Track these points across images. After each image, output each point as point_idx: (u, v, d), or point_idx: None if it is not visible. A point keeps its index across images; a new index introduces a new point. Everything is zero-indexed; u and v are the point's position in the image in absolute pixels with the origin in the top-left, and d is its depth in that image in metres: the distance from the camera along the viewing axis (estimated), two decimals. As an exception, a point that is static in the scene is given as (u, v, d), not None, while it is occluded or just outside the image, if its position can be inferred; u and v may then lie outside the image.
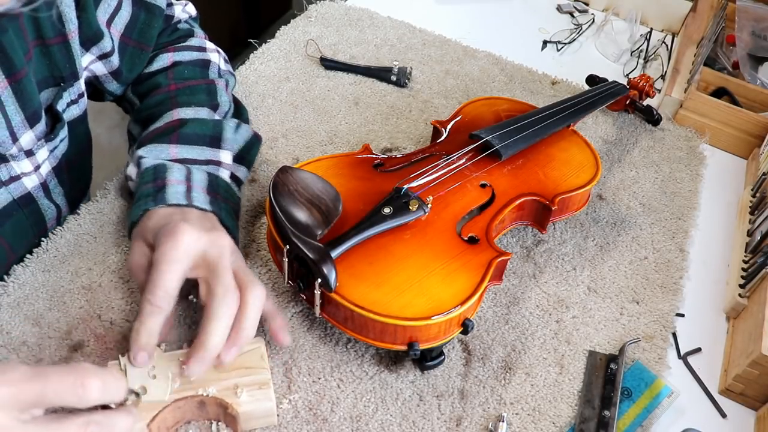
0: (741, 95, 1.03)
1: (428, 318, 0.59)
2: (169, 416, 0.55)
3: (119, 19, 0.74)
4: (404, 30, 1.10)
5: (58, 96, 0.68)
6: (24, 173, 0.67)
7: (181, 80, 0.78)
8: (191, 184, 0.66)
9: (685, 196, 0.88)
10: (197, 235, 0.57)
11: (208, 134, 0.72)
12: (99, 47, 0.71)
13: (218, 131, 0.73)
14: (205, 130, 0.72)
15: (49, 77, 0.66)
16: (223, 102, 0.78)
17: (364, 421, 0.60)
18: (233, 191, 0.71)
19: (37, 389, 0.45)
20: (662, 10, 1.20)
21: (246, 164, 0.75)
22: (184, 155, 0.70)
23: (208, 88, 0.78)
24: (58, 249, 0.70)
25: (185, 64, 0.80)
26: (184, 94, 0.76)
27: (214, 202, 0.66)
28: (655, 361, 0.69)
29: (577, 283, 0.75)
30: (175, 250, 0.55)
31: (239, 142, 0.75)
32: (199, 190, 0.66)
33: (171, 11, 0.83)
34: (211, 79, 0.80)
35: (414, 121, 0.93)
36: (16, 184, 0.67)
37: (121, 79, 0.77)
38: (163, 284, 0.55)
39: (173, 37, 0.83)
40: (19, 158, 0.66)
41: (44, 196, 0.72)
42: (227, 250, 0.58)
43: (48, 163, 0.70)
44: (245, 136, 0.76)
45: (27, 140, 0.65)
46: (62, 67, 0.67)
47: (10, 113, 0.62)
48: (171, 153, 0.70)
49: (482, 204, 0.71)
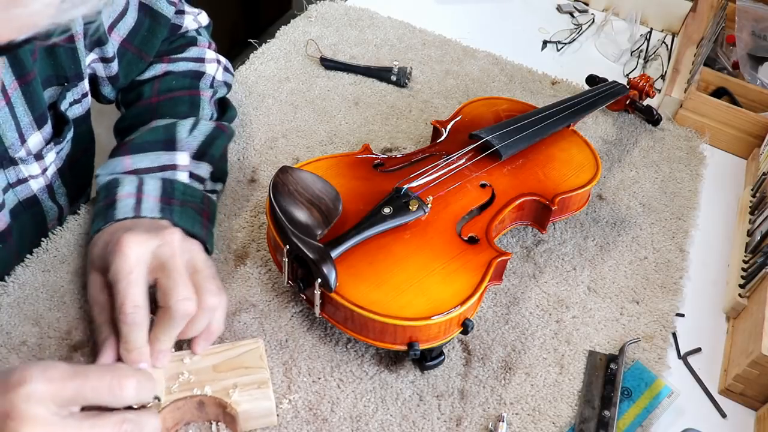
0: (741, 95, 1.03)
1: (428, 318, 0.59)
2: (168, 417, 0.55)
3: (123, 24, 0.74)
4: (404, 30, 1.10)
5: (61, 96, 0.68)
6: (32, 176, 0.67)
7: (166, 92, 0.77)
8: (142, 195, 0.65)
9: (685, 196, 0.88)
10: (142, 238, 0.55)
11: (161, 139, 0.70)
12: (102, 50, 0.71)
13: (171, 134, 0.71)
14: (157, 135, 0.71)
15: (52, 77, 0.66)
16: (205, 114, 0.77)
17: (364, 421, 0.60)
18: (193, 190, 0.69)
19: (76, 386, 0.46)
20: (662, 10, 1.20)
21: (208, 159, 0.72)
22: (137, 165, 0.68)
23: (192, 100, 0.77)
24: (58, 249, 0.70)
25: (175, 75, 0.79)
26: (165, 106, 0.75)
27: (166, 209, 0.64)
28: (655, 361, 0.69)
29: (577, 283, 0.75)
30: (125, 263, 0.54)
31: (198, 138, 0.72)
32: (151, 199, 0.65)
33: (180, 20, 0.82)
34: (197, 91, 0.78)
35: (414, 121, 0.93)
36: (22, 186, 0.67)
37: (116, 84, 0.77)
38: (128, 300, 0.53)
39: (173, 46, 0.82)
40: (29, 162, 0.66)
41: (48, 198, 0.72)
42: (176, 245, 0.57)
43: (54, 165, 0.70)
44: (204, 131, 0.73)
45: (35, 142, 0.65)
46: (67, 68, 0.67)
47: (19, 114, 0.62)
48: (125, 165, 0.68)
49: (482, 204, 0.71)
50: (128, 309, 0.53)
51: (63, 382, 0.46)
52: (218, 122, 0.76)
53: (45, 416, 0.45)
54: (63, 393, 0.46)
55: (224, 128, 0.76)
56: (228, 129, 0.77)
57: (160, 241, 0.56)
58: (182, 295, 0.54)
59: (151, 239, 0.55)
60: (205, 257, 0.60)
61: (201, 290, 0.56)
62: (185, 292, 0.54)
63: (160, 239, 0.56)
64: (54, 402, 0.46)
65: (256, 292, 0.69)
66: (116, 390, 0.48)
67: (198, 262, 0.59)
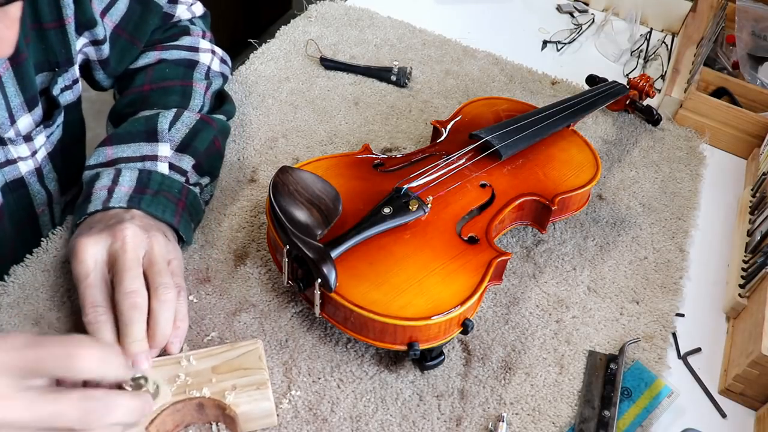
0: (741, 95, 1.03)
1: (428, 318, 0.59)
2: (168, 419, 0.55)
3: (115, 10, 0.74)
4: (404, 30, 1.10)
5: (53, 81, 0.68)
6: (21, 158, 0.68)
7: (159, 80, 0.77)
8: (115, 186, 0.65)
9: (685, 196, 0.88)
10: (94, 240, 0.56)
11: (142, 129, 0.70)
12: (92, 33, 0.71)
13: (152, 125, 0.71)
14: (138, 126, 0.71)
15: (44, 62, 0.67)
16: (196, 105, 0.77)
17: (364, 421, 0.60)
18: (171, 180, 0.68)
19: (34, 356, 0.45)
20: (662, 10, 1.20)
21: (191, 152, 0.72)
22: (118, 155, 0.69)
23: (183, 90, 0.77)
24: (58, 249, 0.70)
25: (168, 63, 0.79)
26: (156, 95, 0.75)
27: (135, 197, 0.64)
28: (655, 361, 0.69)
29: (577, 283, 0.75)
30: (81, 267, 0.55)
31: (181, 130, 0.72)
32: (123, 189, 0.65)
33: (172, 9, 0.82)
34: (189, 81, 0.78)
35: (414, 121, 0.93)
36: (10, 167, 0.68)
37: (108, 69, 0.77)
38: (87, 302, 0.54)
39: (166, 35, 0.82)
40: (18, 143, 0.66)
41: (37, 181, 0.72)
42: (129, 240, 0.57)
43: (44, 148, 0.71)
44: (187, 123, 0.73)
45: (25, 124, 0.66)
46: (58, 52, 0.67)
47: (10, 95, 0.63)
48: (107, 154, 0.69)
49: (482, 204, 0.71)
50: (88, 310, 0.54)
51: (21, 351, 0.45)
52: (204, 115, 0.75)
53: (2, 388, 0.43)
54: (21, 363, 0.45)
55: (210, 121, 0.75)
56: (216, 122, 0.76)
57: (111, 239, 0.56)
58: (127, 288, 0.54)
59: (103, 238, 0.56)
60: (165, 249, 0.60)
61: (153, 284, 0.56)
62: (131, 285, 0.55)
63: (112, 236, 0.57)
64: (12, 373, 0.44)
65: (256, 292, 0.69)
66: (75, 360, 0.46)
67: (155, 255, 0.59)
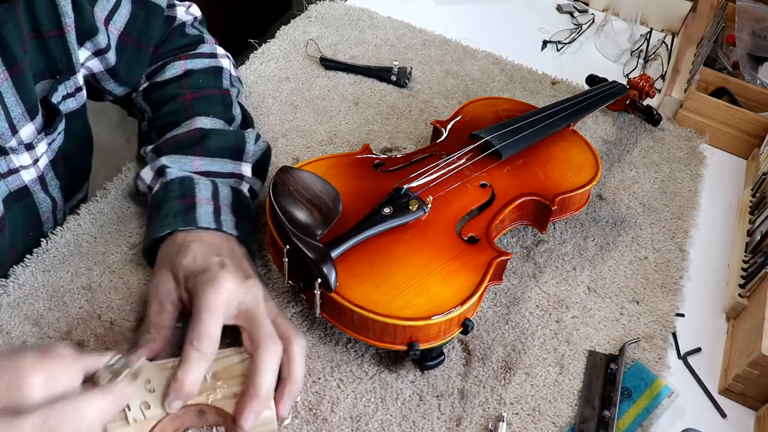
0: (741, 95, 1.03)
1: (428, 318, 0.59)
2: (168, 425, 0.55)
3: (118, 17, 0.74)
4: (404, 30, 1.10)
5: (53, 89, 0.68)
6: (23, 166, 0.68)
7: (196, 89, 0.78)
8: (219, 204, 0.67)
9: (685, 196, 0.88)
10: (236, 284, 0.57)
11: (231, 146, 0.73)
12: (93, 43, 0.71)
13: (241, 143, 0.73)
14: (228, 141, 0.73)
15: (45, 70, 0.67)
16: (236, 115, 0.79)
17: (364, 421, 0.60)
18: (251, 205, 0.72)
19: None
20: (662, 10, 1.20)
21: (261, 177, 0.76)
22: (207, 168, 0.70)
23: (224, 99, 0.78)
24: (58, 249, 0.70)
25: (198, 73, 0.80)
26: (200, 103, 0.76)
27: (239, 225, 0.67)
28: (655, 361, 0.69)
29: (577, 283, 0.75)
30: (217, 299, 0.56)
31: (257, 153, 0.75)
32: (227, 210, 0.67)
33: (172, 12, 0.82)
34: (225, 89, 0.80)
35: (414, 121, 0.93)
36: (13, 176, 0.67)
37: (118, 78, 0.76)
38: (209, 332, 0.54)
39: (183, 43, 0.83)
40: (19, 151, 0.66)
41: (41, 189, 0.72)
42: (261, 297, 0.59)
43: (46, 156, 0.71)
44: (263, 147, 0.76)
45: (27, 133, 0.65)
46: (58, 60, 0.67)
47: (10, 105, 0.62)
48: (195, 165, 0.70)
49: (482, 204, 0.71)
50: (206, 340, 0.54)
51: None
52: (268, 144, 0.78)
53: None
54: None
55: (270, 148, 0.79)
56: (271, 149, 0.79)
57: (246, 291, 0.58)
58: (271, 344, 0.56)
59: (241, 287, 0.57)
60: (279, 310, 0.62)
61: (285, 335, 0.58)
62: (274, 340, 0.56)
63: (247, 289, 0.58)
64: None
65: (256, 292, 0.69)
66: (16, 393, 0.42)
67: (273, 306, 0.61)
